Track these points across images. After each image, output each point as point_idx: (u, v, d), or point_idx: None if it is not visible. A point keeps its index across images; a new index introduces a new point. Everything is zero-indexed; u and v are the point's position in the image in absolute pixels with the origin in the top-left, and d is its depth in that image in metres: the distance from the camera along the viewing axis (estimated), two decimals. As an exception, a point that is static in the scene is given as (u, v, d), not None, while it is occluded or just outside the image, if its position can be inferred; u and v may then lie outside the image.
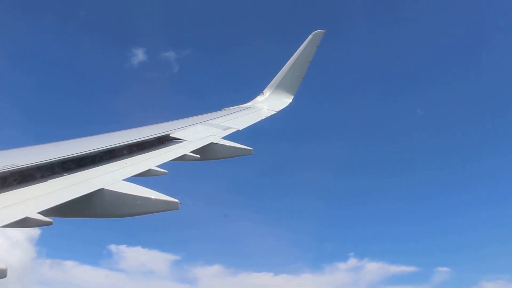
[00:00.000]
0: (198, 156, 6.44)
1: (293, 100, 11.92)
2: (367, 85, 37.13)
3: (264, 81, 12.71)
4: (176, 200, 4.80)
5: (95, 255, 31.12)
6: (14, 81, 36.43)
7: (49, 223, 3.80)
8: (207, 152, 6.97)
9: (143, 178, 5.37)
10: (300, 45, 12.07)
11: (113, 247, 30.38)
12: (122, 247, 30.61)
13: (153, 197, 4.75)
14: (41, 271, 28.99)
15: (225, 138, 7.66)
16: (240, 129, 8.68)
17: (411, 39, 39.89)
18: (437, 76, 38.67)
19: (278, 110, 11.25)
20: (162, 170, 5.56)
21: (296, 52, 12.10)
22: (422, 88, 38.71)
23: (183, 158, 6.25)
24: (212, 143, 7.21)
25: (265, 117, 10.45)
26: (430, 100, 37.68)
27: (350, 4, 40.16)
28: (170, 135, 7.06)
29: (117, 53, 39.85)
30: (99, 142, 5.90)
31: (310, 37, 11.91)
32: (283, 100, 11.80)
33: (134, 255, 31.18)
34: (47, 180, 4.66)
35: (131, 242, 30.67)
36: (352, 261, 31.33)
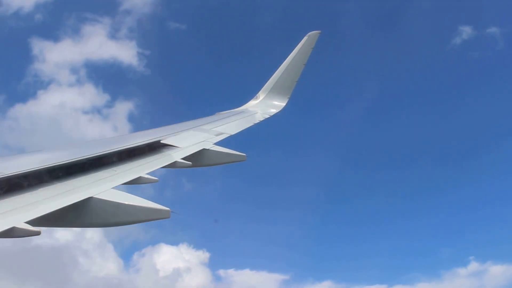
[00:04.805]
0: (189, 163, 6.38)
1: (287, 103, 11.88)
2: (363, 88, 36.94)
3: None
4: (167, 209, 4.77)
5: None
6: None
7: (37, 233, 3.77)
8: (198, 158, 6.92)
9: (133, 186, 5.34)
10: (295, 47, 12.03)
11: (221, 272, 30.57)
12: (231, 271, 30.86)
13: (143, 205, 4.72)
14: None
15: (217, 144, 7.57)
16: (233, 134, 8.64)
17: (409, 41, 39.86)
18: (439, 75, 38.45)
19: (271, 114, 11.20)
20: (153, 178, 5.53)
21: (290, 54, 12.02)
22: (423, 88, 38.51)
23: (174, 165, 6.21)
24: (204, 149, 7.15)
25: (258, 121, 10.40)
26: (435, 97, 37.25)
27: (346, 4, 40.07)
28: (161, 141, 7.01)
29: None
30: (89, 150, 5.86)
31: (305, 38, 11.83)
32: (277, 104, 11.74)
33: (244, 278, 31.19)
34: (36, 189, 4.62)
35: (238, 265, 31.12)
36: (473, 265, 30.20)
